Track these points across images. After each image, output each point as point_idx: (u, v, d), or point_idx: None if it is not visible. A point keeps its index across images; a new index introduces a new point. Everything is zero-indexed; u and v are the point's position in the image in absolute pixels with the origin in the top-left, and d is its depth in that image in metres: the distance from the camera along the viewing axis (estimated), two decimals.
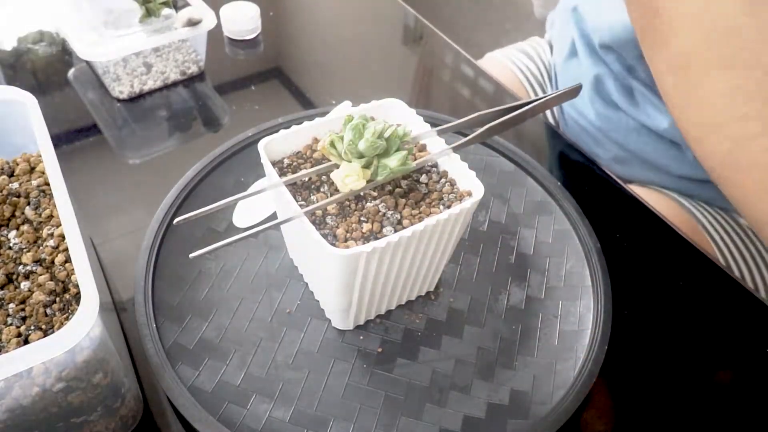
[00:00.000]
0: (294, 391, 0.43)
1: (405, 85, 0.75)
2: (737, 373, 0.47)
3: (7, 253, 0.41)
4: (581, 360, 0.44)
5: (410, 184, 0.42)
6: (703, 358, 0.48)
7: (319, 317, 0.47)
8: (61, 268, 0.40)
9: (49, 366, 0.32)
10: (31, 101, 0.44)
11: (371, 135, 0.38)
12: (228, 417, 0.41)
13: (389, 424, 0.42)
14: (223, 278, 0.49)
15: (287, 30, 0.84)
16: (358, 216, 0.40)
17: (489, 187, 0.43)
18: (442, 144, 0.43)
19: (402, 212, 0.40)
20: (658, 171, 0.70)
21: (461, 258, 0.52)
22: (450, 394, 0.43)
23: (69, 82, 0.70)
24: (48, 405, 0.34)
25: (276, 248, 0.51)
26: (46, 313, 0.38)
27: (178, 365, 0.43)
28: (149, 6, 0.65)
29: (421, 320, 0.47)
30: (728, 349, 0.48)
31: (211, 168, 0.56)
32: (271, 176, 0.42)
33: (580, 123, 0.76)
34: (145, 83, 0.68)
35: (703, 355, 0.48)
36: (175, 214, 0.52)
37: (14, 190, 0.44)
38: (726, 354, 0.48)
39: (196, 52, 0.70)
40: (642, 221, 0.58)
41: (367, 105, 0.46)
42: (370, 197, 0.41)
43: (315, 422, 0.41)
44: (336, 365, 0.45)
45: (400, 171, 0.40)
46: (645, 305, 0.50)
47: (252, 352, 0.45)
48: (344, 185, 0.39)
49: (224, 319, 0.47)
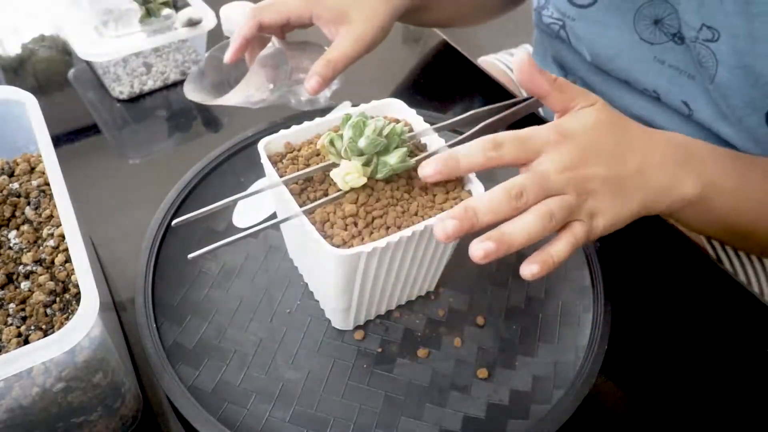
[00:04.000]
0: (294, 391, 0.43)
1: (405, 85, 0.75)
2: (737, 373, 0.47)
3: (7, 253, 0.41)
4: (581, 360, 0.44)
5: (410, 184, 0.42)
6: (702, 357, 0.48)
7: (319, 317, 0.47)
8: (61, 268, 0.40)
9: (49, 366, 0.32)
10: (31, 101, 0.44)
11: (371, 132, 0.38)
12: (228, 417, 0.41)
13: (389, 424, 0.42)
14: (223, 278, 0.49)
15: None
16: (358, 216, 0.40)
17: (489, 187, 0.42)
18: (441, 143, 0.43)
19: (402, 212, 0.40)
20: None
21: (461, 258, 0.51)
22: (450, 394, 0.43)
23: (69, 82, 0.70)
24: (48, 405, 0.34)
25: (276, 248, 0.51)
26: (46, 313, 0.38)
27: (178, 365, 0.43)
28: (149, 6, 0.65)
29: (421, 320, 0.47)
30: (728, 348, 0.48)
31: (211, 168, 0.56)
32: (270, 176, 0.42)
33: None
34: (145, 83, 0.68)
35: (702, 355, 0.48)
36: (175, 214, 0.52)
37: (14, 190, 0.44)
38: (726, 354, 0.48)
39: (196, 53, 0.70)
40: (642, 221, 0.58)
41: (367, 105, 0.46)
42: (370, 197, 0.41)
43: (315, 422, 0.41)
44: (336, 365, 0.45)
45: (399, 168, 0.40)
46: (644, 305, 0.50)
47: (252, 352, 0.45)
48: (344, 183, 0.39)
49: (224, 319, 0.47)
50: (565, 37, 0.64)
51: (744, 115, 0.53)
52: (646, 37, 0.58)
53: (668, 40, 0.57)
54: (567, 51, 0.67)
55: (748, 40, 0.49)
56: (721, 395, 0.46)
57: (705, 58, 0.53)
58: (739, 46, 0.50)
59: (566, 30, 0.63)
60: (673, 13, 0.55)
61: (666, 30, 0.56)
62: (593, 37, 0.61)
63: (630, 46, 0.59)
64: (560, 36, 0.65)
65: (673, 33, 0.56)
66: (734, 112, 0.54)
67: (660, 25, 0.56)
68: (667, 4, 0.55)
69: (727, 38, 0.50)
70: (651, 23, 0.57)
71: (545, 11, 0.66)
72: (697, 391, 0.46)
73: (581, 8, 0.61)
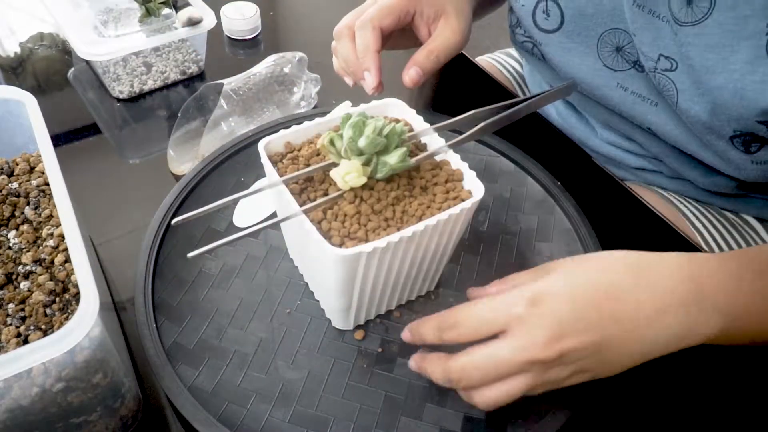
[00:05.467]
0: (294, 391, 0.43)
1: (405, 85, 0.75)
2: (737, 374, 0.47)
3: (7, 253, 0.41)
4: None
5: (410, 184, 0.42)
6: (702, 357, 0.48)
7: (319, 317, 0.47)
8: (60, 268, 0.40)
9: (48, 366, 0.32)
10: (31, 101, 0.44)
11: (371, 132, 0.38)
12: (228, 417, 0.41)
13: (389, 424, 0.42)
14: (223, 278, 0.49)
15: (287, 30, 0.84)
16: (358, 216, 0.40)
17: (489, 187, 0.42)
18: (441, 143, 0.43)
19: (402, 212, 0.40)
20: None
21: (461, 258, 0.52)
22: (450, 394, 0.43)
23: (69, 82, 0.70)
24: (47, 405, 0.34)
25: (276, 248, 0.51)
26: (45, 313, 0.38)
27: (178, 365, 0.43)
28: (149, 6, 0.65)
29: None
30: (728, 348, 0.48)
31: (211, 168, 0.56)
32: (270, 176, 0.42)
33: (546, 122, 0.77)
34: (145, 83, 0.68)
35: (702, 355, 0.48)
36: (175, 214, 0.52)
37: (14, 190, 0.44)
38: (725, 354, 0.48)
39: (196, 52, 0.70)
40: (642, 221, 0.58)
41: (367, 105, 0.46)
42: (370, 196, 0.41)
43: (315, 422, 0.41)
44: (336, 365, 0.45)
45: (399, 168, 0.40)
46: None
47: (252, 352, 0.45)
48: (344, 183, 0.39)
49: (224, 319, 0.47)
50: (540, 55, 0.64)
51: (711, 140, 0.54)
52: (609, 63, 0.58)
53: (630, 67, 0.57)
54: (544, 68, 0.67)
55: (702, 71, 0.49)
56: (720, 395, 0.46)
57: (665, 86, 0.53)
58: (695, 76, 0.50)
59: (539, 49, 0.63)
60: (631, 43, 0.55)
61: (627, 58, 0.56)
62: (559, 62, 0.61)
63: (594, 72, 0.59)
64: (534, 53, 0.65)
65: (634, 61, 0.56)
66: (702, 137, 0.54)
67: (621, 52, 0.56)
68: (625, 33, 0.55)
69: (684, 68, 0.50)
70: (613, 50, 0.57)
71: (518, 29, 0.66)
72: (697, 390, 0.46)
73: (546, 33, 0.61)
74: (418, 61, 0.52)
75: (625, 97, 0.59)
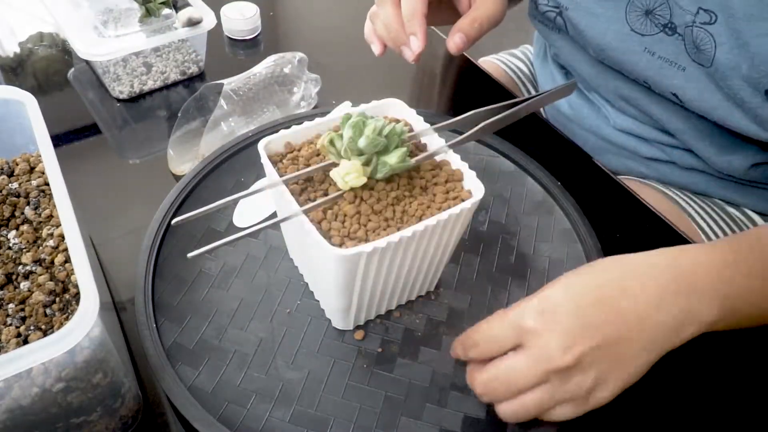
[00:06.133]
0: (294, 391, 0.43)
1: (405, 85, 0.75)
2: (737, 373, 0.47)
3: (7, 253, 0.41)
4: None
5: (410, 184, 0.42)
6: (702, 357, 0.48)
7: (319, 317, 0.47)
8: (60, 268, 0.40)
9: (48, 366, 0.32)
10: (31, 101, 0.44)
11: (371, 132, 0.38)
12: (228, 417, 0.41)
13: (389, 424, 0.42)
14: (223, 278, 0.49)
15: (287, 30, 0.84)
16: (358, 216, 0.40)
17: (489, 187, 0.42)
18: (441, 143, 0.43)
19: (402, 212, 0.40)
20: (633, 157, 0.70)
21: (461, 258, 0.52)
22: (450, 394, 0.43)
23: (69, 82, 0.70)
24: (48, 405, 0.34)
25: (276, 248, 0.51)
26: (45, 313, 0.38)
27: (178, 365, 0.43)
28: (149, 6, 0.65)
29: (421, 320, 0.47)
30: (728, 349, 0.48)
31: (211, 168, 0.56)
32: (270, 176, 0.42)
33: (555, 115, 0.77)
34: (145, 83, 0.68)
35: (702, 355, 0.48)
36: (175, 214, 0.52)
37: (14, 190, 0.44)
38: (726, 354, 0.48)
39: (196, 52, 0.70)
40: (642, 221, 0.58)
41: (367, 105, 0.46)
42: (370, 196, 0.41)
43: (315, 422, 0.41)
44: (336, 365, 0.45)
45: (399, 168, 0.40)
46: None
47: (252, 352, 0.45)
48: (344, 183, 0.39)
49: (224, 319, 0.47)
50: (563, 24, 0.64)
51: (745, 96, 0.53)
52: (637, 28, 0.58)
53: (659, 31, 0.57)
54: (564, 42, 0.67)
55: (744, 20, 0.49)
56: (720, 396, 0.46)
57: (703, 41, 0.53)
58: (735, 26, 0.50)
59: (563, 17, 0.63)
60: (665, 3, 0.55)
61: (657, 21, 0.56)
62: (585, 27, 0.61)
63: (621, 37, 0.59)
64: (557, 24, 0.65)
65: (664, 24, 0.56)
66: (736, 93, 0.54)
67: (651, 15, 0.56)
68: None
69: (724, 19, 0.51)
70: (642, 14, 0.57)
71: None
72: (697, 390, 0.46)
73: None
74: (462, 28, 0.51)
75: (652, 62, 0.58)
